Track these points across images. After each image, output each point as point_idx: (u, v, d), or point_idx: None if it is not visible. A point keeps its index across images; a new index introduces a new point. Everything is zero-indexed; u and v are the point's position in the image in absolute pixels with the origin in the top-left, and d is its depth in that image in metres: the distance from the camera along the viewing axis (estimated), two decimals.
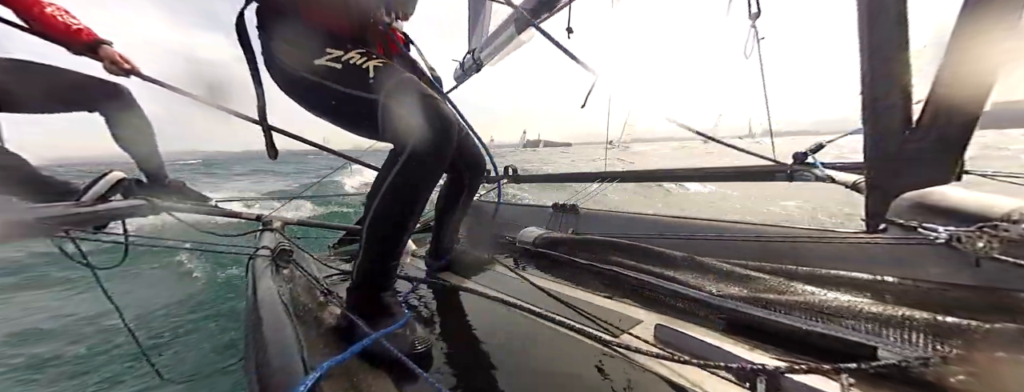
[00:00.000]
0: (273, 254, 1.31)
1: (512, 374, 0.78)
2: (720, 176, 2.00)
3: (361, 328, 0.80)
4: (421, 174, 0.87)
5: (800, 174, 1.57)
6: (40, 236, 1.07)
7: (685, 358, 0.69)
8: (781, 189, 4.16)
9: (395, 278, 0.97)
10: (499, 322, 1.00)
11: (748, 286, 0.98)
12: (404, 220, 0.89)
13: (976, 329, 0.61)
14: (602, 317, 0.97)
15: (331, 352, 0.83)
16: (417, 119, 0.83)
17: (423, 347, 0.83)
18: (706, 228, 1.44)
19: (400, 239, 0.92)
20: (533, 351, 0.86)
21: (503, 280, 1.32)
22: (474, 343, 0.92)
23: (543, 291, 1.14)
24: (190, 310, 2.68)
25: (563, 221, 1.95)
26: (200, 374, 1.87)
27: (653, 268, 1.16)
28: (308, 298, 1.04)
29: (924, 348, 0.64)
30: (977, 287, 0.88)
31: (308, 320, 0.96)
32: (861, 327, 0.71)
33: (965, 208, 0.95)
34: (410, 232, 0.94)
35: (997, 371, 0.53)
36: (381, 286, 0.93)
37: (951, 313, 0.67)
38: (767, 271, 1.16)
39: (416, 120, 0.83)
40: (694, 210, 5.47)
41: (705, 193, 7.54)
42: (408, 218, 0.90)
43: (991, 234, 0.77)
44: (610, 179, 2.19)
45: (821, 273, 1.10)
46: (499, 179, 2.74)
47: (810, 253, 1.18)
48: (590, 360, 0.80)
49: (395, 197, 0.87)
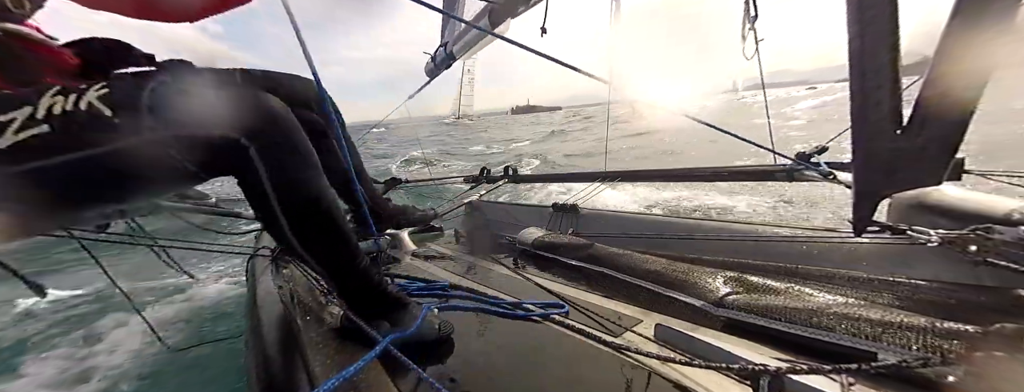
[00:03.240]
0: (273, 254, 1.31)
1: (512, 374, 0.78)
2: (720, 176, 2.00)
3: (367, 332, 0.77)
4: (280, 158, 0.68)
5: (800, 174, 1.57)
6: (42, 234, 1.07)
7: (686, 358, 0.69)
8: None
9: (378, 266, 0.88)
10: (499, 321, 1.00)
11: (747, 289, 0.98)
12: (320, 213, 0.73)
13: (974, 332, 0.61)
14: (602, 316, 0.97)
15: (332, 352, 0.83)
16: (226, 109, 0.63)
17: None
18: (706, 228, 1.44)
19: (339, 234, 0.77)
20: (533, 351, 0.86)
21: (503, 279, 1.32)
22: (473, 343, 0.93)
23: (544, 289, 1.14)
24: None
25: (563, 221, 1.95)
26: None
27: (652, 272, 1.16)
28: (309, 298, 1.04)
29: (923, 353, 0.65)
30: (975, 286, 0.89)
31: (309, 320, 0.96)
32: (861, 332, 0.71)
33: (963, 208, 0.95)
34: (340, 217, 0.78)
35: (997, 371, 0.53)
36: (375, 284, 0.84)
37: (950, 312, 0.67)
38: (767, 271, 1.16)
39: (227, 110, 0.63)
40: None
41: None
42: (320, 207, 0.73)
43: (984, 237, 0.77)
44: (610, 179, 2.19)
45: (820, 272, 1.11)
46: (499, 178, 2.75)
47: (810, 253, 1.18)
48: (590, 360, 0.80)
49: (289, 201, 0.70)
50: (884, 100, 0.53)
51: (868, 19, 0.50)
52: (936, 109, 0.50)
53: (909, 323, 0.67)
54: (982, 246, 0.79)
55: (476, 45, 2.37)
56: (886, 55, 0.51)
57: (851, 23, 0.52)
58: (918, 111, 0.51)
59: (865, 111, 0.55)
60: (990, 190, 1.11)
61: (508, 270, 1.39)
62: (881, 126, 0.54)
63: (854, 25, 0.52)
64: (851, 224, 0.66)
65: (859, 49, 0.52)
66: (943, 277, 0.95)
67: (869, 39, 0.51)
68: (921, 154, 0.53)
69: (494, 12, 2.04)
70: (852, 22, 0.52)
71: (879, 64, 0.51)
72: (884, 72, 0.51)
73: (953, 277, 0.93)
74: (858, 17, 0.51)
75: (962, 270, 0.91)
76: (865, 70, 0.53)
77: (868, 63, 0.52)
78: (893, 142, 0.54)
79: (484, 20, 2.11)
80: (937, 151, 0.52)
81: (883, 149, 0.55)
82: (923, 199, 1.01)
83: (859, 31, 0.52)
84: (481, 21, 2.16)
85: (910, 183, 0.58)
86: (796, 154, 1.57)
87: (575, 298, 1.11)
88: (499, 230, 1.97)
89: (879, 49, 0.51)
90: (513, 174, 2.72)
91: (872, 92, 0.53)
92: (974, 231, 0.79)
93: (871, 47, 0.51)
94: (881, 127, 0.54)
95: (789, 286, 0.95)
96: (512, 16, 2.03)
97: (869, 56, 0.52)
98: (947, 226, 0.87)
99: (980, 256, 0.79)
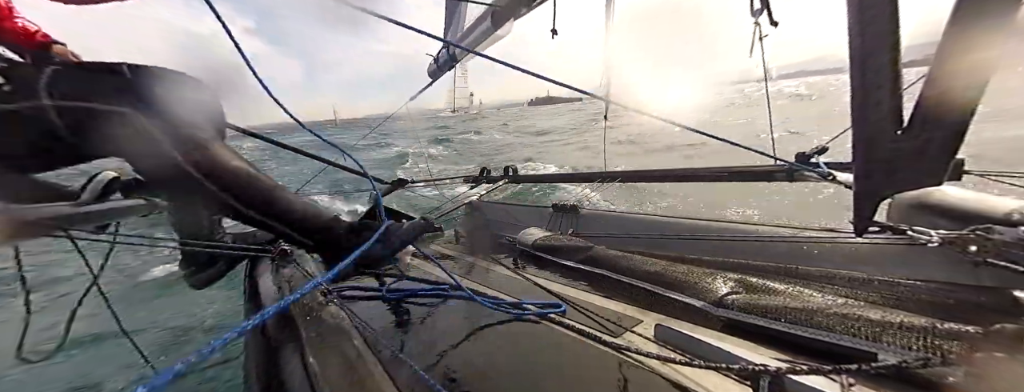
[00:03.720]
0: (273, 253, 1.31)
1: (512, 373, 0.78)
2: (719, 176, 2.00)
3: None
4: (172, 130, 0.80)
5: (800, 174, 1.57)
6: (40, 236, 1.06)
7: (686, 358, 0.69)
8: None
9: (319, 212, 0.99)
10: (499, 321, 1.00)
11: (747, 289, 0.98)
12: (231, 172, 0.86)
13: (975, 333, 0.61)
14: (602, 317, 0.97)
15: (332, 351, 0.83)
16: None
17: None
18: (706, 228, 1.44)
19: (261, 185, 0.89)
20: (533, 351, 0.86)
21: (503, 279, 1.32)
22: (474, 342, 0.92)
23: (544, 290, 1.14)
24: None
25: (563, 221, 1.95)
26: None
27: (652, 273, 1.16)
28: (308, 297, 1.04)
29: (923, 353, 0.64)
30: (976, 286, 0.89)
31: (309, 320, 0.96)
32: (861, 333, 0.71)
33: (964, 208, 0.95)
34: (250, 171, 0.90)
35: (997, 372, 0.53)
36: (327, 227, 0.96)
37: (950, 312, 0.67)
38: (767, 271, 1.16)
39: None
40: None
41: None
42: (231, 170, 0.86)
43: (984, 237, 0.77)
44: (610, 179, 2.19)
45: (820, 273, 1.11)
46: (499, 178, 2.75)
47: (809, 253, 1.18)
48: (590, 360, 0.80)
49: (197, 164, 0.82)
50: (884, 100, 0.52)
51: (868, 18, 0.50)
52: (937, 109, 0.49)
53: (909, 323, 0.67)
54: (982, 246, 0.79)
55: (478, 46, 2.34)
56: (886, 54, 0.50)
57: (851, 22, 0.52)
58: (919, 111, 0.51)
59: (865, 111, 0.55)
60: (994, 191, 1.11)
61: (508, 270, 1.39)
62: (882, 126, 0.53)
63: (854, 24, 0.52)
64: (852, 225, 0.66)
65: (859, 48, 0.52)
66: (943, 278, 0.95)
67: (869, 38, 0.51)
68: (921, 154, 0.52)
69: (496, 14, 2.04)
70: (852, 21, 0.52)
71: (879, 63, 0.51)
72: (884, 71, 0.51)
73: (953, 277, 0.93)
74: (858, 16, 0.51)
75: (962, 270, 0.91)
76: (865, 69, 0.52)
77: (868, 62, 0.52)
78: (894, 142, 0.53)
79: (486, 22, 2.10)
80: (937, 151, 0.52)
81: (884, 149, 0.55)
82: (924, 199, 1.01)
83: (859, 30, 0.51)
84: (483, 23, 2.15)
85: (910, 183, 0.58)
86: (796, 154, 1.57)
87: (575, 298, 1.11)
88: (499, 230, 1.97)
89: (879, 48, 0.50)
90: (513, 174, 2.73)
91: (872, 91, 0.53)
92: (974, 232, 0.79)
93: (871, 46, 0.51)
94: (882, 127, 0.53)
95: (789, 286, 0.95)
96: (516, 18, 2.02)
97: (869, 55, 0.52)
98: (948, 226, 0.87)
99: (980, 256, 0.79)
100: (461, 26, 2.57)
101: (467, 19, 2.49)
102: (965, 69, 0.47)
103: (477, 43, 2.31)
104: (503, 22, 2.04)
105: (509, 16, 2.01)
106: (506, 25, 2.07)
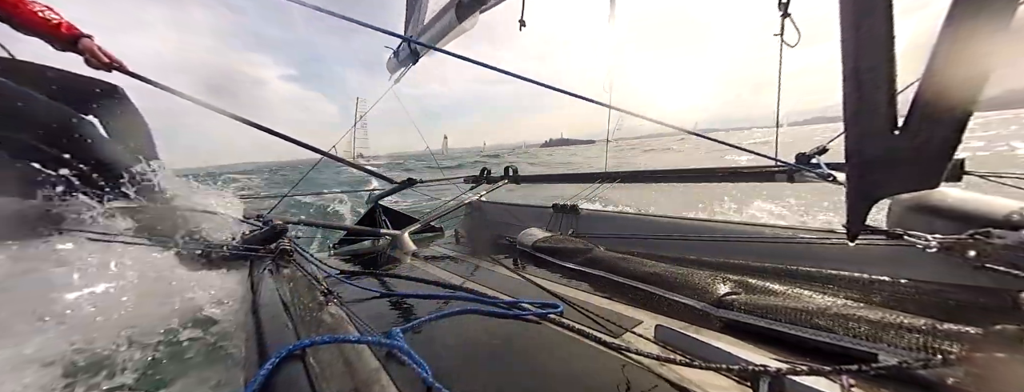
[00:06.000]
0: (273, 254, 1.31)
1: (512, 374, 0.78)
2: (720, 177, 2.00)
3: None
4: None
5: (800, 175, 1.57)
6: (42, 234, 1.07)
7: (686, 359, 0.69)
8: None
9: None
10: (500, 322, 1.00)
11: (747, 290, 0.98)
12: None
13: (975, 333, 0.61)
14: (603, 317, 0.97)
15: (332, 351, 0.83)
16: None
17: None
18: (706, 229, 1.44)
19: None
20: (534, 351, 0.86)
21: (503, 279, 1.32)
22: (474, 343, 0.92)
23: (544, 290, 1.14)
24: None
25: (563, 221, 1.95)
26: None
27: (652, 275, 1.16)
28: (308, 298, 1.04)
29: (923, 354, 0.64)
30: (975, 287, 0.89)
31: (308, 320, 0.96)
32: (861, 333, 0.71)
33: (963, 209, 0.95)
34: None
35: (997, 372, 0.53)
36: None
37: (950, 313, 0.67)
38: (767, 272, 1.16)
39: None
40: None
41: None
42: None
43: (983, 241, 0.76)
44: (610, 179, 2.19)
45: (821, 274, 1.11)
46: (499, 179, 2.75)
47: (809, 253, 1.18)
48: (591, 360, 0.80)
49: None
50: (880, 100, 0.52)
51: (863, 18, 0.49)
52: (933, 109, 0.49)
53: (909, 324, 0.67)
54: (981, 251, 0.78)
55: (441, 40, 2.23)
56: (882, 54, 0.50)
57: (845, 22, 0.51)
58: (915, 111, 0.50)
59: (860, 111, 0.54)
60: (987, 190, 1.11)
61: (508, 270, 1.39)
62: (877, 126, 0.53)
63: (849, 25, 0.51)
64: (845, 228, 0.65)
65: (853, 48, 0.52)
66: (943, 278, 0.95)
67: (864, 38, 0.50)
68: (918, 155, 0.51)
69: (460, 7, 1.94)
70: (846, 21, 0.51)
71: (874, 63, 0.50)
72: (880, 71, 0.50)
73: (953, 278, 0.93)
74: (853, 17, 0.51)
75: (962, 271, 0.91)
76: (860, 69, 0.52)
77: (863, 62, 0.51)
78: (889, 142, 0.52)
79: (450, 14, 2.00)
80: (935, 152, 0.51)
81: (879, 150, 0.54)
82: (923, 200, 1.01)
83: (854, 30, 0.51)
84: (446, 15, 2.04)
85: (907, 185, 0.56)
86: (796, 155, 1.57)
87: (575, 299, 1.11)
88: (499, 230, 1.97)
89: (874, 48, 0.50)
90: (513, 174, 2.73)
91: (868, 91, 0.52)
92: (973, 236, 0.79)
93: (866, 45, 0.50)
94: (877, 127, 0.53)
95: (789, 287, 0.95)
96: (481, 11, 1.93)
97: (864, 55, 0.51)
98: (947, 227, 0.87)
99: (979, 261, 0.79)
100: (422, 19, 2.43)
101: (429, 12, 2.34)
102: (961, 69, 0.47)
103: (439, 37, 2.18)
104: (468, 15, 1.95)
105: (476, 8, 1.92)
106: (470, 18, 1.98)
